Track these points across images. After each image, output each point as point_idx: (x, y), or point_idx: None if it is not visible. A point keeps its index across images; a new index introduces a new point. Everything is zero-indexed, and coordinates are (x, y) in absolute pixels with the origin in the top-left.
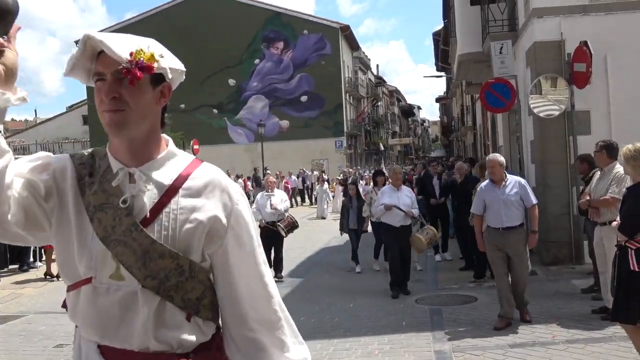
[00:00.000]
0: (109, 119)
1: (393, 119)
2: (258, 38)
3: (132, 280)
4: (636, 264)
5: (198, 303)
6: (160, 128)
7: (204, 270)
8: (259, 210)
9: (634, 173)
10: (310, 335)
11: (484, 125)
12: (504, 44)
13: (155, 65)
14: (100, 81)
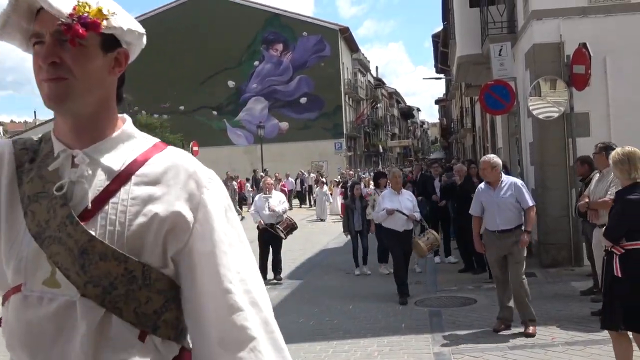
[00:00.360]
0: (48, 90)
1: (392, 120)
2: (257, 40)
3: (70, 287)
4: (620, 270)
5: (156, 318)
6: (117, 104)
7: (164, 277)
8: (257, 212)
9: (622, 177)
10: (309, 337)
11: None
12: (503, 46)
13: (104, 24)
14: (39, 44)
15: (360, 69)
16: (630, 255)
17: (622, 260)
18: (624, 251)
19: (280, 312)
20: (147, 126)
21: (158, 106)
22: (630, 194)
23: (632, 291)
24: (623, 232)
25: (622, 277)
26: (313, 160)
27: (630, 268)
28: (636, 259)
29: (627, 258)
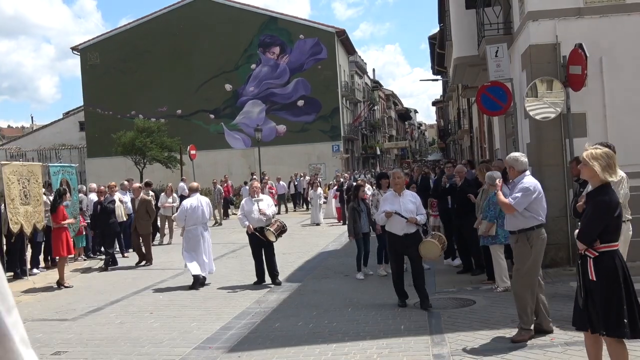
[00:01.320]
0: None
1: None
2: (254, 43)
3: None
4: (594, 273)
5: None
6: None
7: None
8: (245, 217)
9: (593, 177)
10: (308, 340)
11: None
12: (500, 47)
13: None
14: None
15: (357, 71)
16: (603, 257)
17: (596, 263)
18: (597, 254)
19: (279, 315)
20: (145, 130)
21: (155, 110)
22: (602, 195)
23: (609, 295)
24: (597, 234)
25: (596, 280)
26: (311, 162)
27: (604, 271)
28: (609, 261)
29: (600, 261)
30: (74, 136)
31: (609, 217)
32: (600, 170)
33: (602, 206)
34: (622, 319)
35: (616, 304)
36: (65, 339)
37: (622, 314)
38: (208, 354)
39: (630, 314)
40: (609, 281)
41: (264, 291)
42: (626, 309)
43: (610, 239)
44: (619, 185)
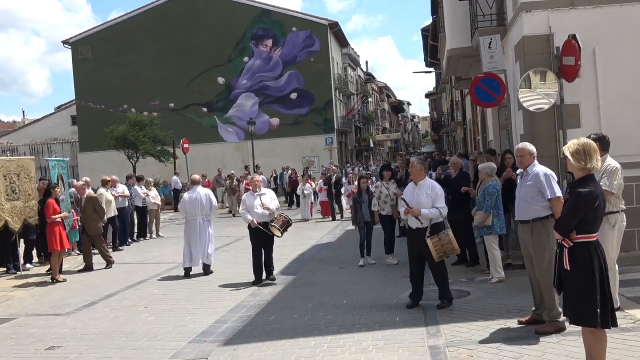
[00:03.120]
0: None
1: (383, 115)
2: (247, 36)
3: None
4: (568, 263)
5: None
6: None
7: None
8: (248, 211)
9: (578, 167)
10: (304, 333)
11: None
12: (493, 39)
13: None
14: None
15: (350, 63)
16: (579, 248)
17: (571, 253)
18: (572, 244)
19: (274, 308)
20: (137, 124)
21: (148, 103)
22: (583, 187)
23: (580, 284)
24: (573, 225)
25: (570, 270)
26: (304, 155)
27: (580, 261)
28: (584, 252)
29: (576, 251)
30: (66, 130)
31: (586, 208)
32: (585, 161)
33: (579, 197)
34: (594, 309)
35: (589, 294)
36: (60, 334)
37: (594, 304)
38: (203, 348)
39: (602, 305)
40: (582, 271)
41: (258, 285)
42: (599, 299)
43: (587, 230)
44: (614, 175)
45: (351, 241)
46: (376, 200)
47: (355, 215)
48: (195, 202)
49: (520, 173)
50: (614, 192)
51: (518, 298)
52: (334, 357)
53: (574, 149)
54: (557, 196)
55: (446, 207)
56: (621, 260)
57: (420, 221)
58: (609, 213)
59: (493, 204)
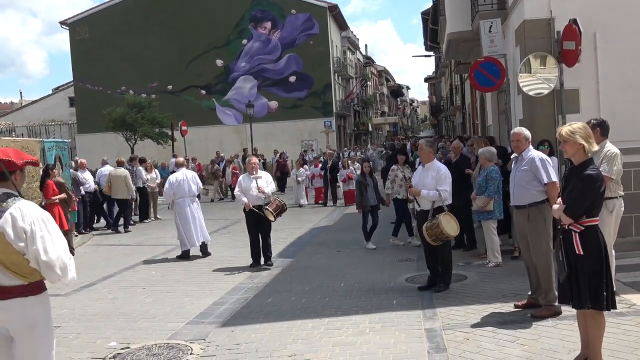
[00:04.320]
0: None
1: (382, 99)
2: (245, 18)
3: None
4: (581, 247)
5: None
6: None
7: None
8: (243, 193)
9: (576, 153)
10: (301, 315)
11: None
12: (493, 23)
13: None
14: None
15: (349, 47)
16: (589, 231)
17: (582, 237)
18: (583, 228)
19: (272, 290)
20: (135, 106)
21: (146, 85)
22: (588, 170)
23: (594, 269)
24: (584, 208)
25: (583, 254)
26: (303, 139)
27: (590, 245)
28: (595, 236)
29: (586, 235)
30: (64, 112)
31: (595, 192)
32: (584, 141)
33: (589, 180)
34: (602, 291)
35: (599, 277)
36: (58, 314)
37: (601, 287)
38: (201, 329)
39: (607, 288)
40: (595, 255)
41: (256, 267)
42: (605, 282)
43: (594, 214)
44: (613, 160)
45: (349, 225)
46: (390, 183)
47: (360, 199)
48: (183, 183)
49: (515, 158)
50: (614, 177)
51: (514, 282)
52: (331, 339)
53: (585, 133)
54: (553, 181)
55: (448, 191)
56: (618, 245)
57: (417, 202)
58: (607, 199)
59: (496, 189)
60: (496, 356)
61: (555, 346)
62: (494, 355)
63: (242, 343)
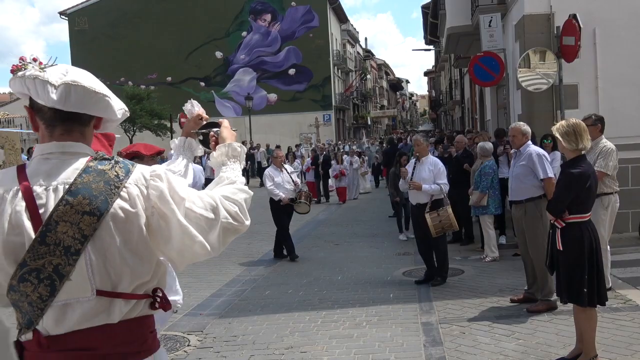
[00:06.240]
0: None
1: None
2: (245, 10)
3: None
4: (561, 242)
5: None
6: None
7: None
8: (276, 188)
9: (570, 148)
10: (298, 308)
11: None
12: (493, 17)
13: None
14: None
15: (349, 40)
16: (571, 228)
17: (563, 233)
18: (565, 224)
19: (269, 283)
20: (134, 97)
21: (145, 77)
22: (574, 167)
23: (571, 264)
24: (566, 205)
25: (562, 249)
26: (302, 132)
27: (570, 241)
28: (577, 232)
29: (568, 231)
30: None
31: (578, 189)
32: (561, 137)
33: (571, 178)
34: (582, 287)
35: (578, 273)
36: None
37: (582, 283)
38: (199, 321)
39: (590, 284)
40: (575, 251)
41: (254, 259)
42: (587, 279)
43: (579, 210)
44: (609, 156)
45: (347, 218)
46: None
47: (394, 190)
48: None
49: (514, 153)
50: (610, 173)
51: (511, 277)
52: (327, 331)
53: (564, 131)
54: (550, 177)
55: (447, 184)
56: (614, 241)
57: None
58: (603, 194)
59: (489, 185)
60: (492, 350)
61: (551, 340)
62: (489, 349)
63: (240, 335)
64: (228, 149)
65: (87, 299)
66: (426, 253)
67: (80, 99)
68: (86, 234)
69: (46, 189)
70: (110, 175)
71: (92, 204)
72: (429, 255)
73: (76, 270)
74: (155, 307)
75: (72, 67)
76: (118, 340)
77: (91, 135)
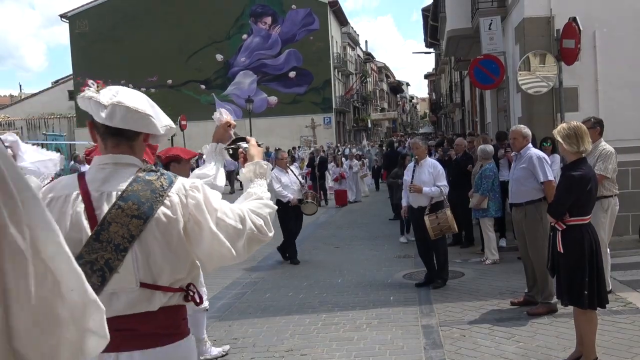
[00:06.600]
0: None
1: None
2: (246, 13)
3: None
4: (561, 245)
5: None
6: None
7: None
8: (284, 189)
9: (571, 151)
10: (298, 311)
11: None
12: (493, 20)
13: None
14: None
15: (349, 42)
16: (572, 231)
17: (564, 235)
18: (565, 227)
19: (270, 286)
20: None
21: (145, 80)
22: (575, 170)
23: (572, 266)
24: (566, 208)
25: (563, 252)
26: (302, 134)
27: (571, 243)
28: (577, 235)
29: (568, 233)
30: (64, 105)
31: (579, 192)
32: (562, 140)
33: (571, 180)
34: (583, 290)
35: (579, 275)
36: None
37: (583, 286)
38: None
39: (590, 287)
40: (576, 253)
41: (254, 262)
42: (587, 281)
43: (580, 213)
44: (608, 159)
45: (347, 221)
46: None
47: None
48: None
49: (515, 155)
50: (609, 176)
51: (511, 280)
52: (328, 334)
53: (565, 133)
54: (550, 179)
55: (447, 186)
56: (614, 244)
57: (410, 199)
58: (602, 197)
59: (489, 187)
60: (492, 353)
61: (551, 343)
62: (489, 352)
63: (240, 338)
64: (256, 167)
65: (132, 289)
66: (426, 255)
67: (123, 117)
68: (134, 234)
69: (101, 195)
70: (156, 185)
71: (139, 209)
72: (429, 258)
73: (123, 264)
74: (188, 299)
75: (124, 89)
76: (156, 324)
77: (140, 148)
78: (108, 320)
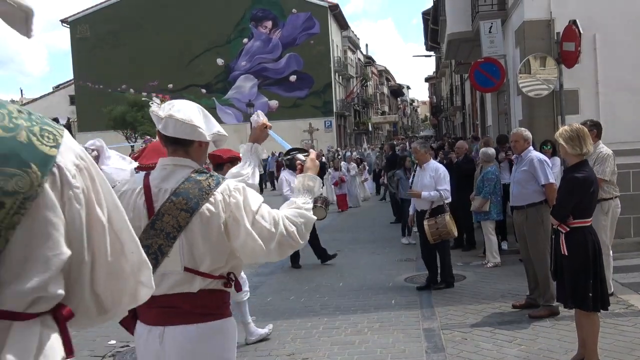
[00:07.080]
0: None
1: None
2: (246, 17)
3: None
4: (566, 248)
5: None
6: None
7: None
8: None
9: (573, 153)
10: (300, 314)
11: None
12: (494, 23)
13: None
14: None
15: (350, 46)
16: (575, 233)
17: (568, 238)
18: (569, 229)
19: (271, 289)
20: (136, 104)
21: (146, 84)
22: (578, 172)
23: (576, 269)
24: (569, 210)
25: (567, 254)
26: (303, 138)
27: (575, 246)
28: (581, 237)
29: (572, 236)
30: (65, 110)
31: (582, 194)
32: (565, 143)
33: (574, 182)
34: (587, 292)
35: (583, 278)
36: None
37: (587, 288)
38: None
39: (594, 289)
40: (580, 256)
41: (256, 266)
42: (591, 283)
43: (583, 215)
44: (606, 162)
45: (348, 225)
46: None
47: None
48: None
49: (516, 158)
50: (607, 179)
51: (513, 283)
52: (329, 338)
53: (568, 136)
54: (551, 182)
55: (448, 189)
56: (616, 246)
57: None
58: (602, 200)
59: (491, 190)
60: (494, 356)
61: (553, 346)
62: (491, 355)
63: (241, 341)
64: (305, 179)
65: (177, 272)
66: (429, 259)
67: (174, 127)
68: (182, 225)
69: (159, 190)
70: (204, 184)
71: (188, 204)
72: (432, 261)
73: (172, 250)
74: (228, 286)
75: (179, 102)
76: (196, 304)
77: (196, 152)
78: (157, 297)
